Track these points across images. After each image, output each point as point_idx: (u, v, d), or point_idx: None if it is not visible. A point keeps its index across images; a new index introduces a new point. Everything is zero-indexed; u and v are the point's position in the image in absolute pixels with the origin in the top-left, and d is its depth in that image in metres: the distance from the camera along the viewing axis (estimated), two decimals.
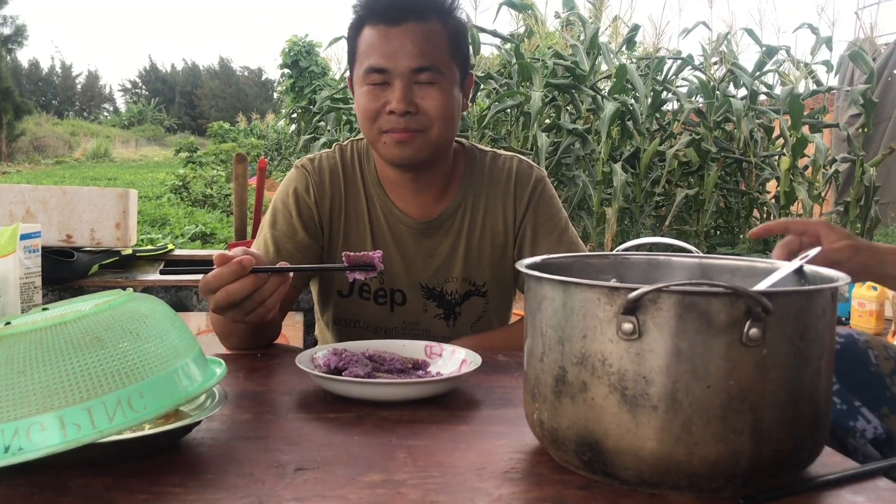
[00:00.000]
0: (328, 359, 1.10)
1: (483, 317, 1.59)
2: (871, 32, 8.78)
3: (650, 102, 6.80)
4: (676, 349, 0.71)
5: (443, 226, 1.55)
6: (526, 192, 1.57)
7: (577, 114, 6.98)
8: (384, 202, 1.54)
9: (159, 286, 2.21)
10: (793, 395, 0.74)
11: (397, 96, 1.38)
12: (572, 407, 0.77)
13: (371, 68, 1.39)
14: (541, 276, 0.82)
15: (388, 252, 1.52)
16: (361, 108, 1.43)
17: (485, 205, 1.56)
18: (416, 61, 1.38)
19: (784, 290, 0.74)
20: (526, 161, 1.62)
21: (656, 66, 7.11)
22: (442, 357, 1.19)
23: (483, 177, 1.58)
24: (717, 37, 7.36)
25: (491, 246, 1.56)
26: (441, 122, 1.42)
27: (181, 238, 7.85)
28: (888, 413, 1.09)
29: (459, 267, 1.55)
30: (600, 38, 7.03)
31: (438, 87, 1.40)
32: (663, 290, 0.71)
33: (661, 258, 1.00)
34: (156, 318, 0.86)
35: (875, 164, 7.29)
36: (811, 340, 0.75)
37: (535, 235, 1.56)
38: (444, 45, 1.42)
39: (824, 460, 0.85)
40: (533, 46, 7.19)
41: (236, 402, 1.04)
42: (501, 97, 6.70)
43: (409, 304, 1.55)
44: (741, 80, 6.92)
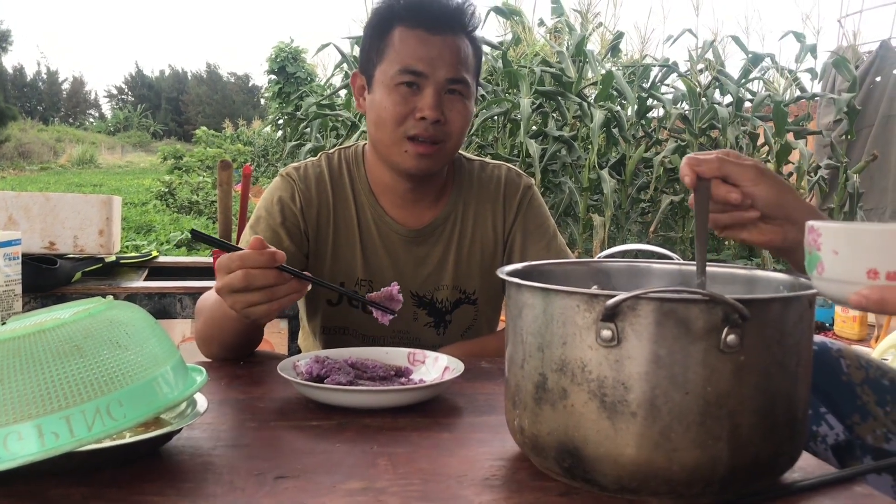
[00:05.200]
0: (310, 366, 1.10)
1: (473, 325, 1.59)
2: (854, 40, 8.85)
3: (636, 109, 6.83)
4: (655, 356, 0.72)
5: (433, 234, 1.55)
6: (515, 200, 1.58)
7: (564, 121, 7.00)
8: (375, 210, 1.54)
9: (143, 293, 2.21)
10: (770, 402, 0.75)
11: (430, 103, 1.39)
12: (552, 414, 0.78)
13: (407, 69, 1.40)
14: (521, 283, 0.82)
15: (379, 260, 1.52)
16: (386, 109, 1.41)
17: (474, 213, 1.57)
18: (451, 71, 1.40)
19: (761, 297, 0.75)
20: (514, 169, 1.63)
21: (642, 74, 7.14)
22: (425, 364, 1.19)
23: (472, 185, 1.59)
24: (702, 44, 7.40)
25: (481, 254, 1.57)
26: (459, 135, 1.45)
27: (166, 245, 7.81)
28: (859, 421, 1.10)
29: (450, 275, 1.55)
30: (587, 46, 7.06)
31: (464, 100, 1.44)
32: (641, 297, 0.71)
33: (641, 265, 1.01)
34: (135, 325, 0.86)
35: (858, 170, 7.35)
36: (789, 347, 0.76)
37: (524, 243, 1.56)
38: (471, 60, 1.46)
39: (803, 466, 0.86)
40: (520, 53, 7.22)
41: (218, 409, 1.03)
42: (489, 104, 6.72)
43: (400, 313, 1.54)
44: (727, 88, 6.97)
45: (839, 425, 1.11)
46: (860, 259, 0.65)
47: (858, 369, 1.14)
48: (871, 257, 0.64)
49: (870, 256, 0.64)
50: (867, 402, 1.12)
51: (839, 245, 0.66)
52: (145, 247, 7.10)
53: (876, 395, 1.12)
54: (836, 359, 1.14)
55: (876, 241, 0.64)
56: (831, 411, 1.11)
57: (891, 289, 0.63)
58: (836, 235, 0.67)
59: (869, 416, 1.11)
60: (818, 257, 0.68)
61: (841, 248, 0.66)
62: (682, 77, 7.22)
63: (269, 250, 1.08)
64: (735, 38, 7.23)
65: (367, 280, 1.51)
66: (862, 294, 0.64)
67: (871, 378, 1.13)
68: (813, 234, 0.68)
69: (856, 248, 0.65)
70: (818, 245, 0.68)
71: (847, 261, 0.66)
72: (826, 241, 0.67)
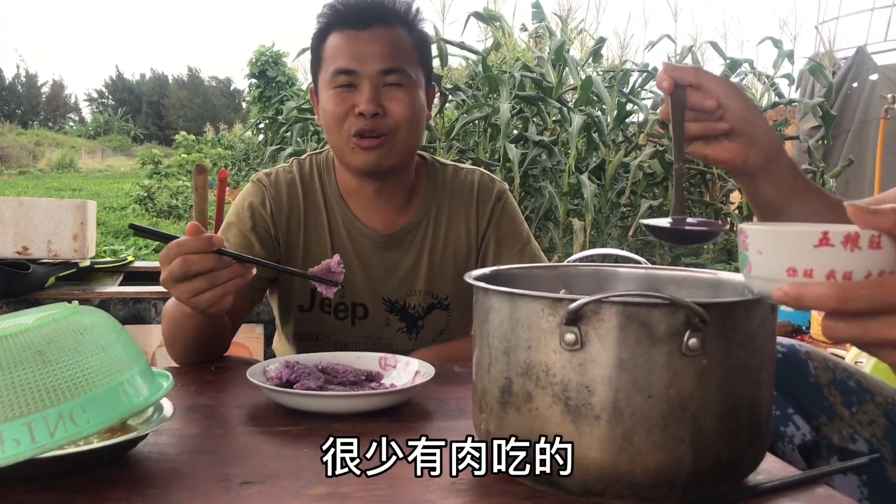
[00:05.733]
0: (280, 371, 1.10)
1: (445, 330, 1.59)
2: (830, 47, 8.95)
3: (615, 114, 6.87)
4: (618, 359, 0.72)
5: (405, 239, 1.55)
6: (488, 205, 1.58)
7: (544, 125, 7.03)
8: (346, 215, 1.53)
9: (117, 298, 2.19)
10: (733, 404, 0.75)
11: (366, 97, 1.39)
12: (517, 417, 0.78)
13: (339, 70, 1.41)
14: (487, 287, 0.82)
15: (350, 265, 1.52)
16: (328, 112, 1.43)
17: (447, 218, 1.57)
18: (383, 63, 1.40)
19: (723, 301, 0.75)
20: (487, 174, 1.63)
21: (622, 79, 7.18)
22: (396, 369, 1.19)
23: (445, 190, 1.58)
24: (681, 50, 7.45)
25: (454, 259, 1.57)
26: (407, 126, 1.43)
27: (145, 249, 7.76)
28: (826, 422, 1.11)
29: (423, 280, 1.55)
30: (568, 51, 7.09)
31: (405, 90, 1.42)
32: (603, 300, 0.72)
33: (608, 269, 1.01)
34: (100, 331, 0.85)
35: (834, 175, 7.43)
36: (751, 350, 0.76)
37: (498, 248, 1.56)
38: (410, 50, 1.45)
39: (767, 467, 0.86)
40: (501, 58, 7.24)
41: (186, 415, 1.03)
42: (469, 109, 6.73)
43: (371, 318, 1.55)
44: None
45: (806, 426, 1.12)
46: (781, 258, 0.68)
47: (825, 371, 1.15)
48: (790, 256, 0.67)
49: (789, 256, 0.68)
50: (834, 402, 1.13)
51: (763, 246, 0.70)
52: (123, 251, 7.05)
53: (842, 396, 1.13)
54: (804, 360, 1.16)
55: (793, 242, 0.67)
56: (799, 412, 1.13)
57: (806, 285, 0.66)
58: (759, 237, 0.70)
59: (835, 416, 1.12)
60: (746, 257, 0.72)
61: (764, 248, 0.70)
62: None
63: (204, 234, 1.08)
64: (713, 43, 7.29)
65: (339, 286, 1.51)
66: (782, 290, 0.67)
67: (838, 379, 1.15)
68: (742, 235, 0.73)
69: (777, 249, 0.69)
70: (746, 246, 0.72)
71: (770, 260, 0.69)
72: (752, 242, 0.71)
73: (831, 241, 0.65)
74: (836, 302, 0.64)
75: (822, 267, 0.66)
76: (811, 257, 0.66)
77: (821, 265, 0.66)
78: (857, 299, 0.64)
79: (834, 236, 0.65)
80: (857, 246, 0.65)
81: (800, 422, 1.12)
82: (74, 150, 32.55)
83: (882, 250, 0.66)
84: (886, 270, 0.66)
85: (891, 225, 0.65)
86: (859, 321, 0.66)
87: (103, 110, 57.24)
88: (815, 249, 0.66)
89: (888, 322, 0.65)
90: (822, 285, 0.65)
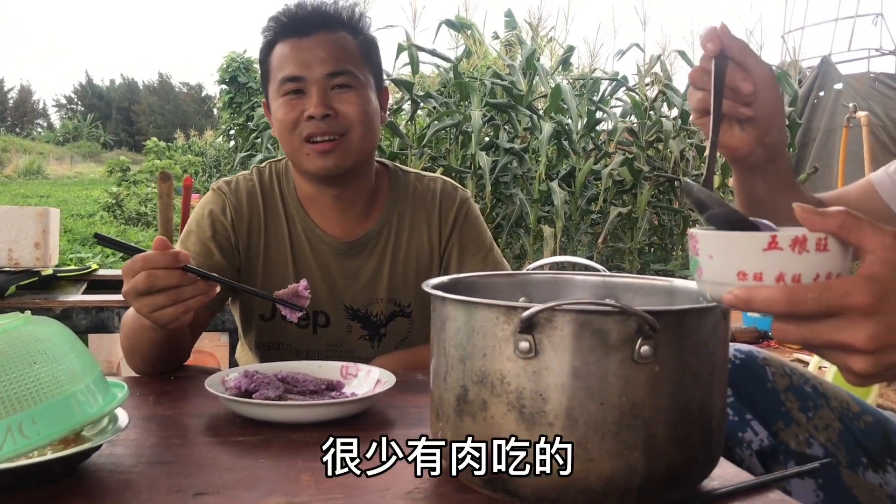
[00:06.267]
0: (239, 381, 1.09)
1: (408, 337, 1.59)
2: (796, 56, 9.10)
3: (585, 122, 6.91)
4: (571, 367, 0.73)
5: (367, 246, 1.54)
6: (451, 212, 1.58)
7: (515, 133, 7.06)
8: (306, 223, 1.53)
9: (80, 307, 2.16)
10: (684, 411, 0.76)
11: (315, 101, 1.39)
12: (473, 425, 0.78)
13: (286, 77, 1.41)
14: (444, 295, 0.82)
15: (311, 273, 1.51)
16: (279, 120, 1.43)
17: (410, 225, 1.57)
18: (329, 66, 1.41)
19: (674, 309, 0.76)
20: (450, 182, 1.63)
21: (592, 87, 7.24)
22: (357, 377, 1.18)
23: (408, 197, 1.58)
24: (650, 58, 7.53)
25: (416, 266, 1.56)
26: (361, 126, 1.43)
27: (112, 258, 7.67)
28: (783, 427, 1.12)
29: (384, 288, 1.55)
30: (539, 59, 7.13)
31: (355, 92, 1.43)
32: (556, 308, 0.72)
33: (565, 277, 1.02)
34: (53, 341, 0.84)
35: (800, 182, 7.54)
36: (702, 357, 0.77)
37: (461, 255, 1.57)
38: (356, 52, 1.46)
39: (721, 473, 0.87)
40: (472, 66, 7.26)
41: (143, 425, 1.02)
42: (441, 116, 6.74)
43: (333, 326, 1.54)
44: (673, 101, 7.10)
45: (764, 431, 1.13)
46: (731, 262, 0.69)
47: (783, 377, 1.17)
48: (740, 260, 0.68)
49: (739, 259, 0.68)
50: (791, 408, 1.14)
51: (713, 250, 0.70)
52: (90, 259, 6.96)
53: (799, 402, 1.15)
54: (762, 367, 1.17)
55: (743, 246, 0.68)
56: (756, 418, 1.14)
57: (756, 289, 0.67)
58: (710, 241, 0.71)
59: (792, 422, 1.14)
60: (697, 261, 0.72)
61: (714, 252, 0.70)
62: (629, 91, 7.34)
63: (171, 250, 1.08)
64: (681, 52, 7.37)
65: None
66: (733, 293, 0.67)
67: (795, 385, 1.16)
68: (692, 240, 0.73)
69: (726, 253, 0.69)
70: (696, 250, 0.72)
71: (720, 264, 0.70)
72: (703, 247, 0.72)
73: (780, 245, 0.66)
74: (785, 305, 0.65)
75: (772, 270, 0.67)
76: (760, 261, 0.67)
77: (770, 268, 0.67)
78: (806, 302, 0.65)
79: (782, 239, 0.66)
80: (805, 249, 0.66)
81: (758, 427, 1.13)
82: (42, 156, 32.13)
83: (829, 252, 0.67)
84: (834, 273, 0.67)
85: (836, 227, 0.66)
86: (808, 323, 0.66)
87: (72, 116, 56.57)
88: (764, 253, 0.67)
89: (836, 324, 0.65)
90: (771, 288, 0.66)
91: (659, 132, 6.90)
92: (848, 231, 0.66)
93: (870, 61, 10.88)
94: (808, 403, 1.15)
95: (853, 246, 0.67)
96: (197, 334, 1.43)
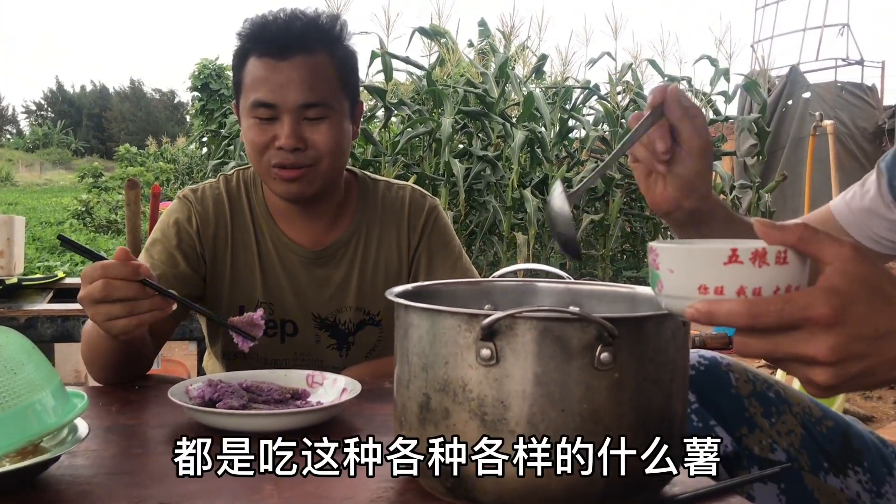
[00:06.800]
0: (202, 390, 1.08)
1: (378, 346, 1.58)
2: (765, 65, 9.23)
3: (558, 130, 6.97)
4: (532, 374, 0.73)
5: (335, 255, 1.54)
6: (420, 220, 1.58)
7: (488, 140, 7.09)
8: (274, 232, 1.52)
9: (45, 316, 2.14)
10: (645, 417, 0.77)
11: (286, 132, 1.36)
12: (435, 433, 0.78)
13: (258, 102, 1.37)
14: (407, 303, 0.82)
15: (279, 282, 1.50)
16: (249, 140, 1.41)
17: (379, 234, 1.56)
18: (304, 97, 1.36)
19: (633, 316, 0.77)
20: (419, 190, 1.63)
21: (564, 95, 7.29)
22: (323, 386, 1.18)
23: (377, 206, 1.58)
24: (621, 67, 7.60)
25: (385, 275, 1.56)
26: (331, 157, 1.41)
27: (82, 265, 7.58)
28: (746, 433, 1.13)
29: (353, 296, 1.54)
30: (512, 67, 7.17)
31: (328, 122, 1.39)
32: (517, 316, 0.72)
33: (530, 284, 1.02)
34: (9, 351, 0.83)
35: (769, 190, 7.65)
36: (662, 364, 0.78)
37: (430, 263, 1.56)
38: (333, 78, 1.41)
39: (683, 479, 0.88)
40: (445, 74, 7.28)
41: (104, 436, 1.01)
42: (414, 123, 6.75)
43: (301, 335, 1.53)
44: None
45: (728, 437, 1.14)
46: (691, 276, 0.69)
47: (746, 382, 1.18)
48: (701, 274, 0.68)
49: (699, 273, 0.68)
50: (754, 413, 1.15)
51: (673, 264, 0.70)
52: (58, 268, 6.87)
53: (762, 407, 1.16)
54: (726, 373, 1.18)
55: (703, 259, 0.68)
56: (720, 423, 1.15)
57: (717, 302, 0.67)
58: (670, 255, 0.71)
59: (756, 427, 1.14)
60: (658, 275, 0.72)
61: (675, 266, 0.70)
62: (601, 100, 7.39)
63: (133, 262, 1.07)
64: (652, 61, 7.45)
65: (268, 303, 1.49)
66: (694, 307, 0.67)
67: (758, 391, 1.17)
68: (652, 254, 0.73)
69: (687, 266, 0.69)
70: (657, 264, 0.72)
71: (681, 278, 0.70)
72: (663, 261, 0.71)
73: (740, 258, 0.66)
74: (746, 318, 0.65)
75: (733, 284, 0.67)
76: (721, 274, 0.67)
77: (731, 282, 0.67)
78: (767, 314, 0.65)
79: (743, 253, 0.66)
80: (765, 262, 0.66)
81: (721, 433, 1.14)
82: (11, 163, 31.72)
83: (788, 265, 0.67)
84: (794, 285, 0.67)
85: (795, 240, 0.66)
86: (770, 336, 0.66)
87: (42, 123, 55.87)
88: (725, 267, 0.67)
89: (797, 337, 0.66)
90: (732, 302, 0.66)
91: None
92: (807, 244, 0.67)
93: (837, 71, 11.08)
94: (772, 409, 1.16)
95: (812, 258, 0.67)
96: (160, 343, 1.42)
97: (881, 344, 0.66)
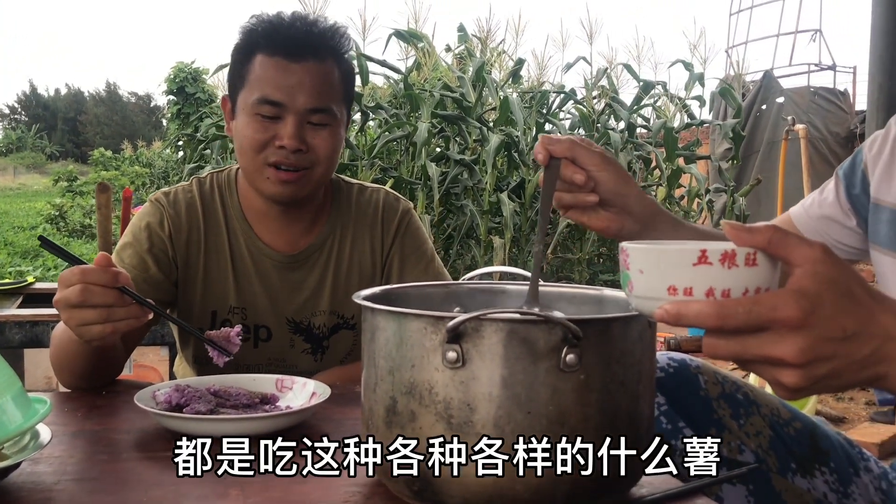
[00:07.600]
0: (169, 395, 1.07)
1: (353, 351, 1.57)
2: (740, 70, 9.32)
3: (534, 134, 6.99)
4: (498, 376, 0.73)
5: (309, 259, 1.53)
6: (393, 224, 1.58)
7: (465, 144, 7.10)
8: (248, 235, 1.50)
9: (13, 321, 2.11)
10: (611, 418, 0.77)
11: (290, 132, 1.36)
12: (402, 436, 0.78)
13: (265, 99, 1.37)
14: (373, 306, 0.82)
15: (252, 286, 1.49)
16: (246, 136, 1.39)
17: (352, 237, 1.56)
18: (313, 101, 1.37)
19: (599, 317, 0.77)
20: (392, 193, 1.63)
21: (540, 99, 7.32)
22: (292, 390, 1.17)
23: (350, 209, 1.57)
24: (597, 72, 7.64)
25: (359, 278, 1.55)
26: (326, 163, 1.42)
27: (55, 270, 7.49)
28: (715, 434, 1.14)
29: (327, 300, 1.53)
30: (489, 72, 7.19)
31: (329, 130, 1.41)
32: (483, 318, 0.72)
33: (498, 286, 1.02)
34: None
35: (744, 193, 7.72)
36: (628, 365, 0.78)
37: (402, 266, 1.56)
38: (339, 87, 1.43)
39: (651, 480, 0.88)
40: (422, 78, 7.29)
41: (70, 442, 0.99)
42: (391, 127, 6.75)
43: (275, 340, 1.52)
44: (619, 114, 7.21)
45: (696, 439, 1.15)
46: (661, 277, 0.69)
47: (715, 384, 1.18)
48: (670, 275, 0.68)
49: (669, 274, 0.68)
50: (723, 415, 1.16)
51: (643, 265, 0.70)
52: (30, 273, 6.78)
53: (731, 409, 1.17)
54: (695, 375, 1.19)
55: (673, 260, 0.68)
56: (689, 425, 1.15)
57: (686, 303, 0.67)
58: (640, 256, 0.71)
59: (724, 429, 1.15)
60: (628, 276, 0.72)
61: (645, 267, 0.70)
62: (577, 104, 7.43)
63: (112, 269, 1.07)
64: (627, 66, 7.50)
65: (241, 308, 1.48)
66: (664, 308, 0.67)
67: (727, 392, 1.18)
68: (623, 254, 0.73)
69: (657, 267, 0.69)
70: (627, 265, 0.72)
71: (651, 278, 0.70)
72: (633, 262, 0.71)
73: (709, 259, 0.66)
74: (715, 319, 0.65)
75: (702, 285, 0.67)
76: (690, 275, 0.67)
77: (700, 283, 0.67)
78: (736, 316, 0.65)
79: (712, 254, 0.66)
80: (735, 263, 0.66)
81: (690, 435, 1.15)
82: None
83: (758, 267, 0.67)
84: (763, 287, 0.67)
85: (764, 242, 0.67)
86: (738, 338, 0.66)
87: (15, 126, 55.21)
88: (694, 268, 0.67)
89: (765, 339, 0.66)
90: (701, 303, 0.66)
91: (607, 144, 7.00)
92: (776, 246, 0.67)
93: (810, 76, 11.21)
94: (740, 410, 1.17)
95: (781, 260, 0.68)
96: (131, 348, 1.40)
97: (849, 345, 0.66)
